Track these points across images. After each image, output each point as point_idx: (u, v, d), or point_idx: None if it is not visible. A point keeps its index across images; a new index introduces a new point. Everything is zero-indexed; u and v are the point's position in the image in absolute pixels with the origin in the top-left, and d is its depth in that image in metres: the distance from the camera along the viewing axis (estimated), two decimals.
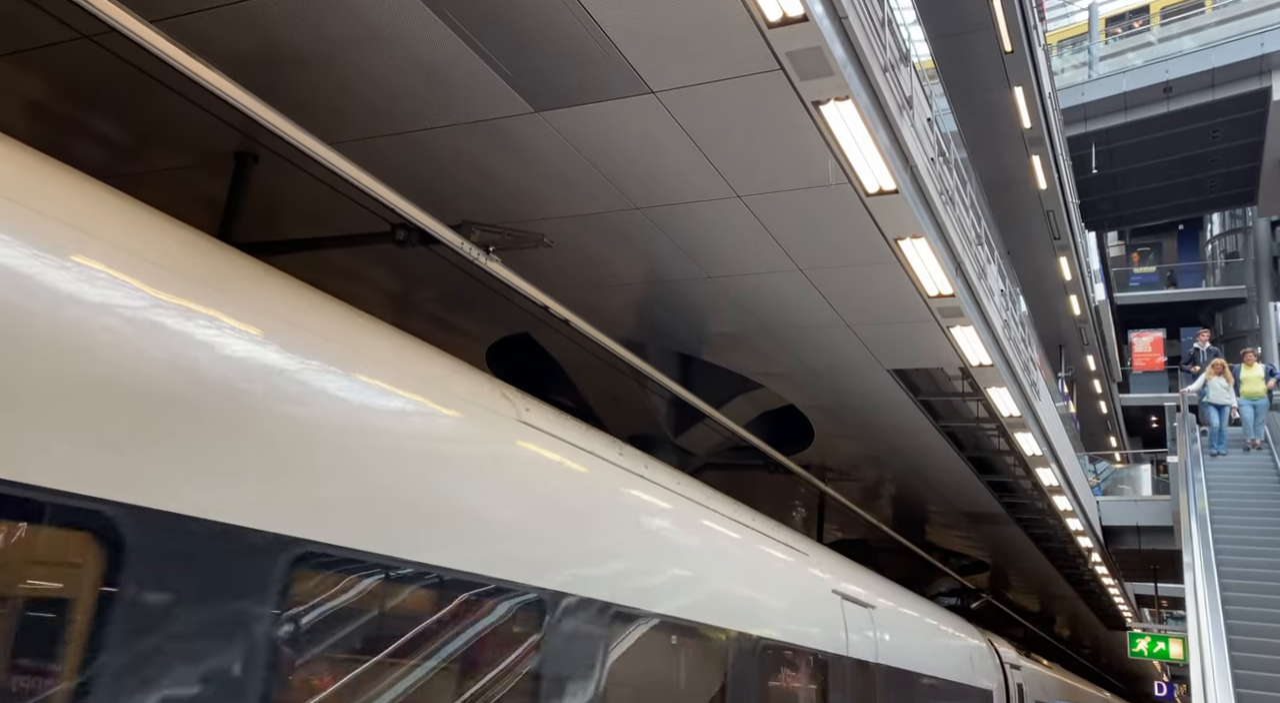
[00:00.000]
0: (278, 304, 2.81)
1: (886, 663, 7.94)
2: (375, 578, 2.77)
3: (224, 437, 2.38)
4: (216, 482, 2.32)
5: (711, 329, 8.35)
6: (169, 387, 2.29)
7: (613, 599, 3.86)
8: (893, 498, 14.57)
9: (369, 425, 2.87)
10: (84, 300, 2.17)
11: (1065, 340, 28.28)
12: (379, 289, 7.90)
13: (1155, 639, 15.80)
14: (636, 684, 4.07)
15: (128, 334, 2.24)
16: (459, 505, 3.25)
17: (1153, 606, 24.38)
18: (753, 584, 5.72)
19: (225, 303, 2.56)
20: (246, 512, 2.36)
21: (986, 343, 8.35)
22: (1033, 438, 11.13)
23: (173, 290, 2.42)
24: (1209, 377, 15.01)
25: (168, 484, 2.21)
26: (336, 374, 2.85)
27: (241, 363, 2.50)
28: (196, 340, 2.40)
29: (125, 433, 2.16)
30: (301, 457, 2.58)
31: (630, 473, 4.56)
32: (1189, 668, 8.08)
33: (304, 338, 2.82)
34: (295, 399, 2.64)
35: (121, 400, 2.18)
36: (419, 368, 3.32)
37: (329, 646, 2.61)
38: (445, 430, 3.29)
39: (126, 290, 2.30)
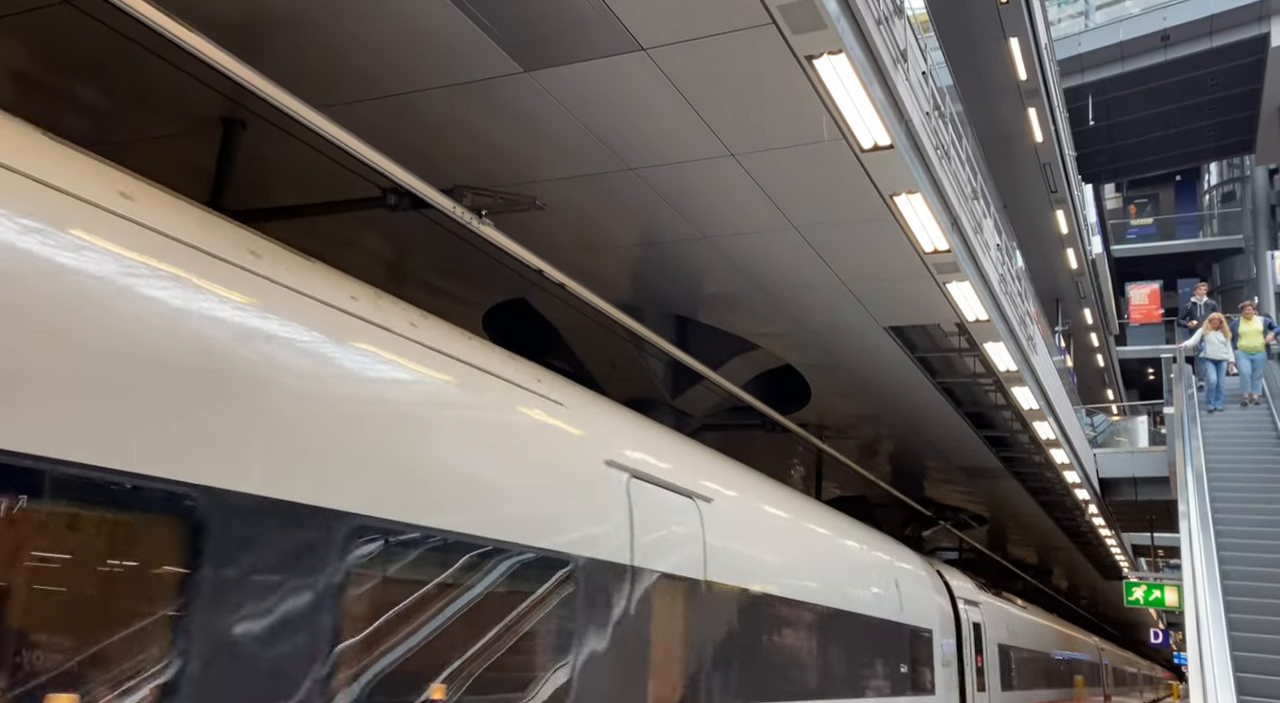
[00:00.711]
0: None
1: (725, 582, 5.58)
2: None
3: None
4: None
5: (707, 290, 8.33)
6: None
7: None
8: (890, 455, 14.65)
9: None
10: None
11: (1062, 294, 28.28)
12: (373, 256, 7.85)
13: (1151, 587, 16.00)
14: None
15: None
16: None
17: (1149, 555, 24.68)
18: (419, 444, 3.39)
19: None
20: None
21: (983, 298, 8.34)
22: (1030, 392, 11.16)
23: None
24: (1206, 332, 14.69)
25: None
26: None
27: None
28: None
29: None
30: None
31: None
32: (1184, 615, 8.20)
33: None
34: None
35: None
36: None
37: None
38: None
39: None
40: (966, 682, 12.06)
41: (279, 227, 5.50)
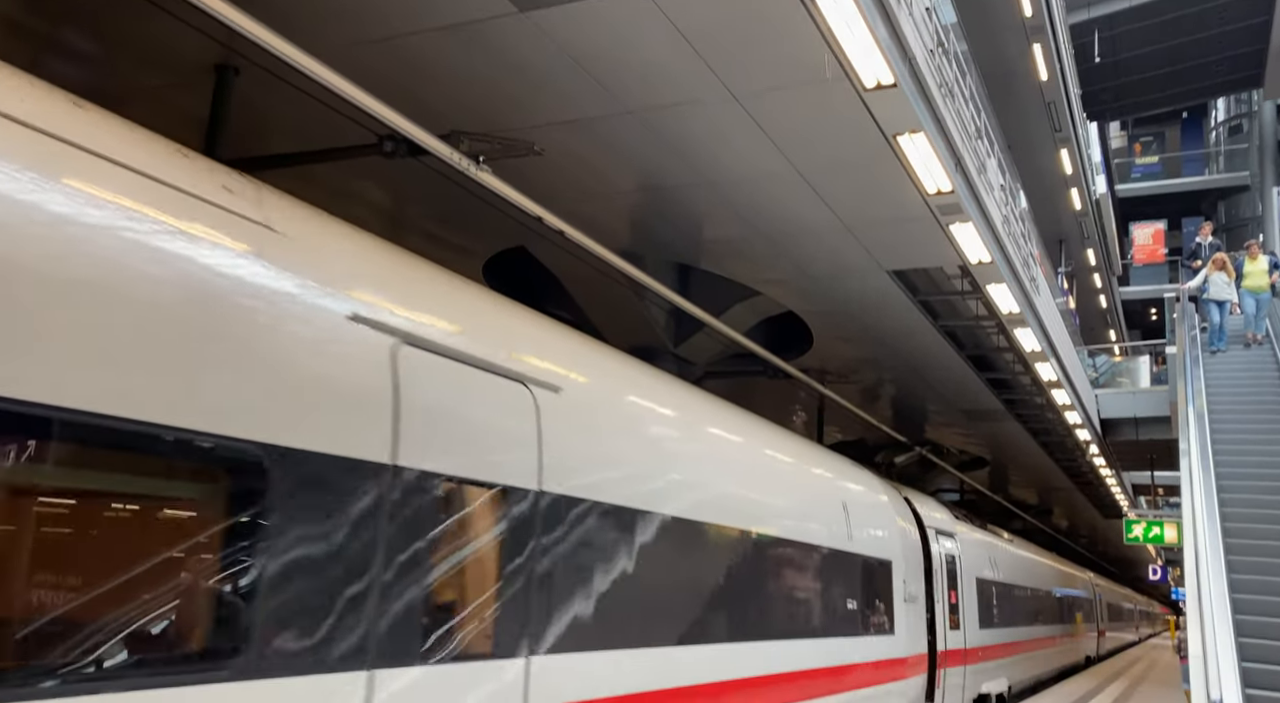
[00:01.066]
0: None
1: (577, 496, 4.37)
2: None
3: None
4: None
5: (708, 237, 8.27)
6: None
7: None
8: (892, 399, 14.71)
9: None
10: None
11: (1065, 235, 28.09)
12: (372, 206, 7.79)
13: (1150, 525, 16.16)
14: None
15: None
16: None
17: (1149, 494, 24.91)
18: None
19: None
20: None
21: (986, 240, 8.28)
22: (1032, 334, 11.15)
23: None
24: (1210, 272, 14.48)
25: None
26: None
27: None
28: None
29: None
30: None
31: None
32: (1183, 552, 8.30)
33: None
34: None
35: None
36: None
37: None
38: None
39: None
40: (938, 620, 11.06)
41: (275, 175, 5.44)
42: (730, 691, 5.73)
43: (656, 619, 4.98)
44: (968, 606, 12.60)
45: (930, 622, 10.73)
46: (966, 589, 12.69)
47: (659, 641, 4.99)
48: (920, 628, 10.18)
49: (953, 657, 11.49)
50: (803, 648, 6.89)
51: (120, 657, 2.44)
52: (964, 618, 12.21)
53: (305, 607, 2.88)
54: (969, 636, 12.40)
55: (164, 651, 2.58)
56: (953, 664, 11.48)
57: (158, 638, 2.57)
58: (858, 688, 7.98)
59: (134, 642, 2.48)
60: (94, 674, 2.37)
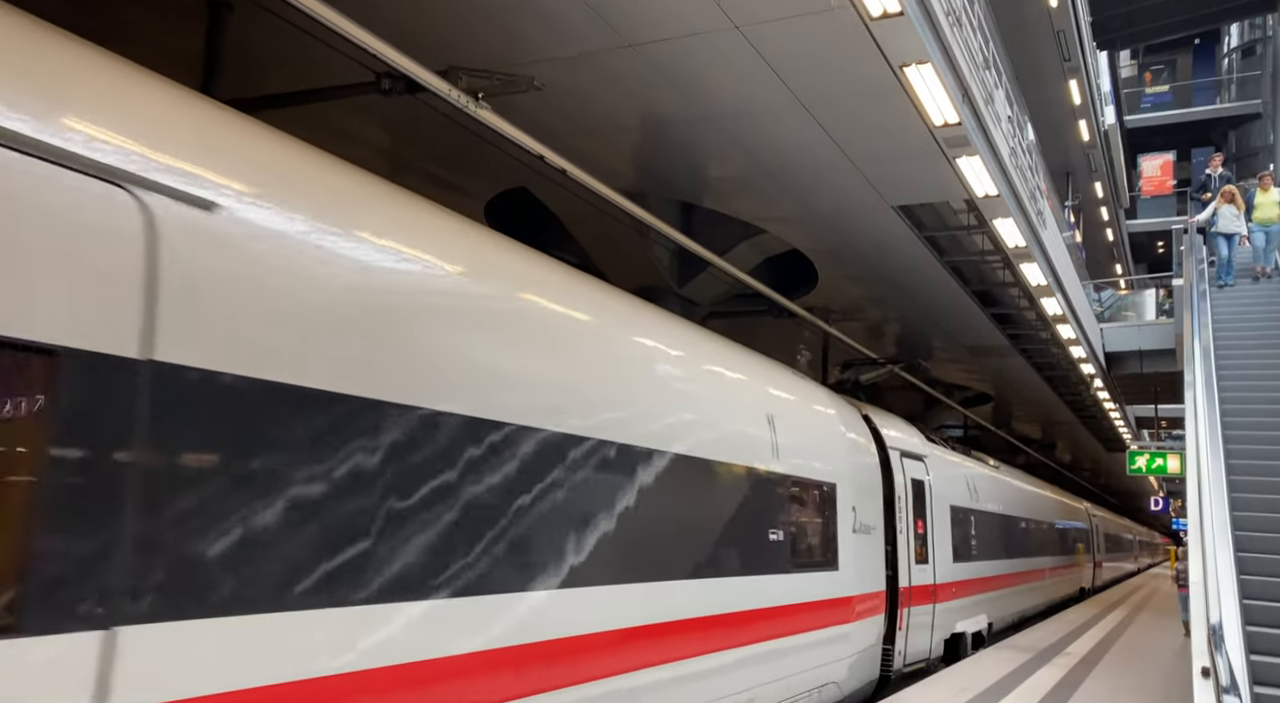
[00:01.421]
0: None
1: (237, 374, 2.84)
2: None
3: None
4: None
5: (712, 174, 8.17)
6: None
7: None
8: (896, 337, 14.71)
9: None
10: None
11: (1073, 168, 27.72)
12: (371, 146, 7.70)
13: (1154, 456, 16.26)
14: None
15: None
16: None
17: (1152, 427, 25.05)
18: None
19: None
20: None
21: (993, 173, 8.18)
22: (1038, 268, 11.09)
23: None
24: (1219, 205, 14.21)
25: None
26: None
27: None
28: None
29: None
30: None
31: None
32: (1185, 483, 8.37)
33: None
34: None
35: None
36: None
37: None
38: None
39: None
40: (901, 552, 9.93)
41: (272, 116, 5.37)
42: (578, 651, 4.24)
43: (427, 553, 3.47)
44: (939, 537, 11.51)
45: (892, 555, 9.71)
46: (938, 519, 11.57)
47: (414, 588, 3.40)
48: (877, 563, 8.99)
49: (919, 594, 10.38)
50: (700, 591, 5.45)
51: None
52: (933, 551, 11.15)
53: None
54: (940, 570, 11.33)
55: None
56: (919, 602, 10.37)
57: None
58: (783, 636, 6.53)
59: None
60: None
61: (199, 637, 2.65)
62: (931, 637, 10.94)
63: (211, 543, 2.71)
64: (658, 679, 4.99)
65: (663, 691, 5.04)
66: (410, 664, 3.36)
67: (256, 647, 2.81)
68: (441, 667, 3.50)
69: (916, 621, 10.29)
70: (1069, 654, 11.68)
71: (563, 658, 4.15)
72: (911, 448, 10.98)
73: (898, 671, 9.67)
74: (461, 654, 3.59)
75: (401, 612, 3.34)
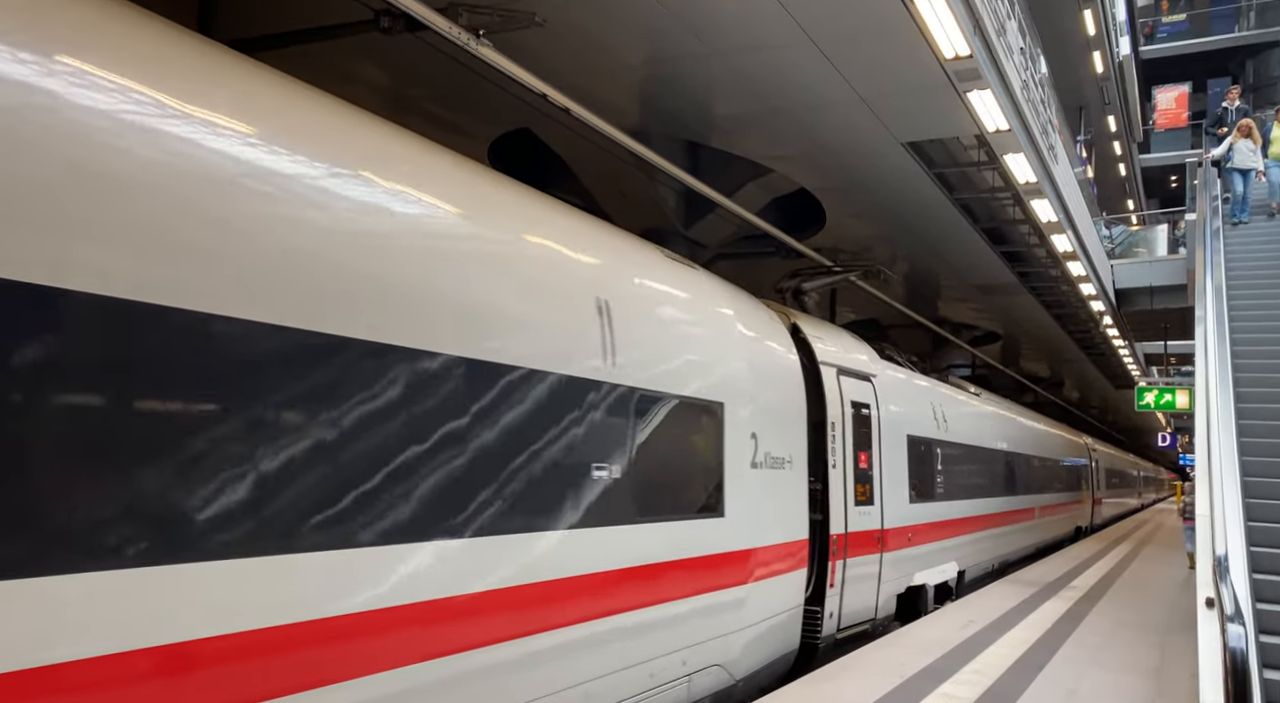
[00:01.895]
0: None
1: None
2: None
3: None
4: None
5: (718, 113, 8.04)
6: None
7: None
8: (904, 275, 14.63)
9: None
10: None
11: (1086, 102, 27.21)
12: (372, 87, 7.59)
13: (1162, 392, 16.24)
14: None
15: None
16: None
17: (1161, 363, 25.01)
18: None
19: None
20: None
21: (1005, 107, 8.02)
22: (1049, 205, 10.96)
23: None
24: (1234, 140, 13.82)
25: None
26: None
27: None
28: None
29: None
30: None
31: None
32: (1193, 419, 8.39)
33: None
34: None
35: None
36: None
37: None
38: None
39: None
40: (835, 494, 8.00)
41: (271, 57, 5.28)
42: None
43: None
44: (891, 473, 9.50)
45: (822, 498, 7.86)
46: (890, 451, 9.55)
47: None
48: (794, 504, 7.15)
49: (859, 542, 8.45)
50: (465, 557, 3.78)
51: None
52: (882, 490, 9.17)
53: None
54: (890, 513, 9.36)
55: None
56: (860, 552, 8.46)
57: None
58: (625, 611, 4.84)
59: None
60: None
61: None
62: (878, 593, 8.99)
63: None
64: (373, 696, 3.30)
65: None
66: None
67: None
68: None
69: (856, 574, 8.39)
70: (1074, 588, 11.85)
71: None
72: (854, 365, 8.88)
73: (828, 637, 7.85)
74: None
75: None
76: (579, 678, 4.45)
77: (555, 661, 4.29)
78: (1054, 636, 8.36)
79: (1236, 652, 3.71)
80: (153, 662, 2.61)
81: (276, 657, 2.97)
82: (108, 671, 2.49)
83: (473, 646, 3.78)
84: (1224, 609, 4.17)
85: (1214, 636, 4.63)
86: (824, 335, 8.61)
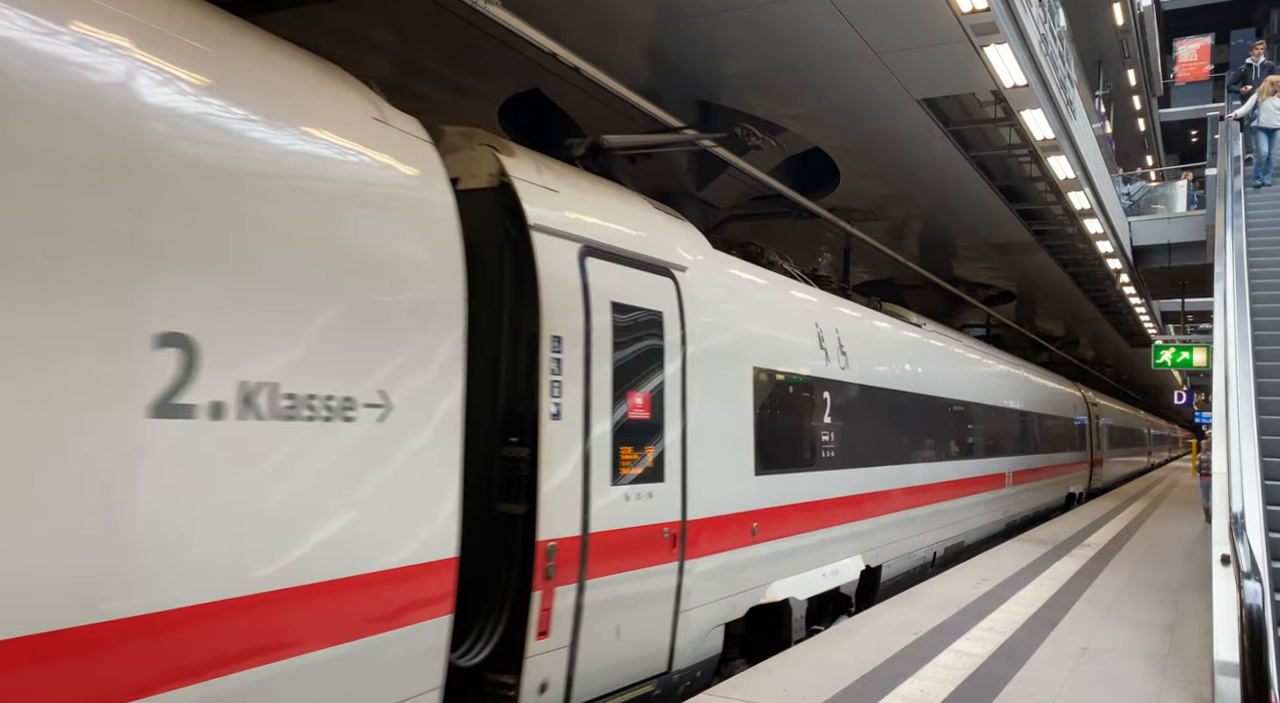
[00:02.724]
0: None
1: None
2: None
3: None
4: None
5: (730, 71, 7.93)
6: None
7: None
8: (919, 235, 14.51)
9: None
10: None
11: (1104, 55, 26.69)
12: (380, 49, 7.51)
13: (1180, 350, 16.10)
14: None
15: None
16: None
17: (1178, 321, 24.80)
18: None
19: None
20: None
21: (1022, 62, 7.88)
22: (1066, 161, 10.81)
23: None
24: (1261, 99, 13.20)
25: None
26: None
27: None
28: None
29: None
30: None
31: None
32: (1210, 377, 8.32)
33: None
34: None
35: None
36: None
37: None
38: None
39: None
40: (557, 464, 4.44)
41: (277, 17, 5.22)
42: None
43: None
44: (711, 427, 5.87)
45: (529, 469, 4.51)
46: (711, 392, 5.89)
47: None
48: (408, 492, 3.60)
49: (621, 548, 4.92)
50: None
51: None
52: (684, 456, 5.52)
53: None
54: (704, 493, 5.72)
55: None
56: (620, 565, 4.91)
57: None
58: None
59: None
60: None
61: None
62: (674, 625, 5.41)
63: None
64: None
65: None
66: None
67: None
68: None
69: (612, 601, 4.87)
70: (1088, 546, 11.90)
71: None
72: (624, 244, 5.22)
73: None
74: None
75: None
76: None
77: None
78: (1067, 593, 8.41)
79: (1253, 608, 3.71)
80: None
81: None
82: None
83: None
84: (1240, 566, 4.18)
85: (1229, 592, 4.64)
86: (561, 187, 4.98)
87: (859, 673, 5.56)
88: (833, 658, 5.90)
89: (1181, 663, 5.94)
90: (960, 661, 5.89)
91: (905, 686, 5.31)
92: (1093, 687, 5.38)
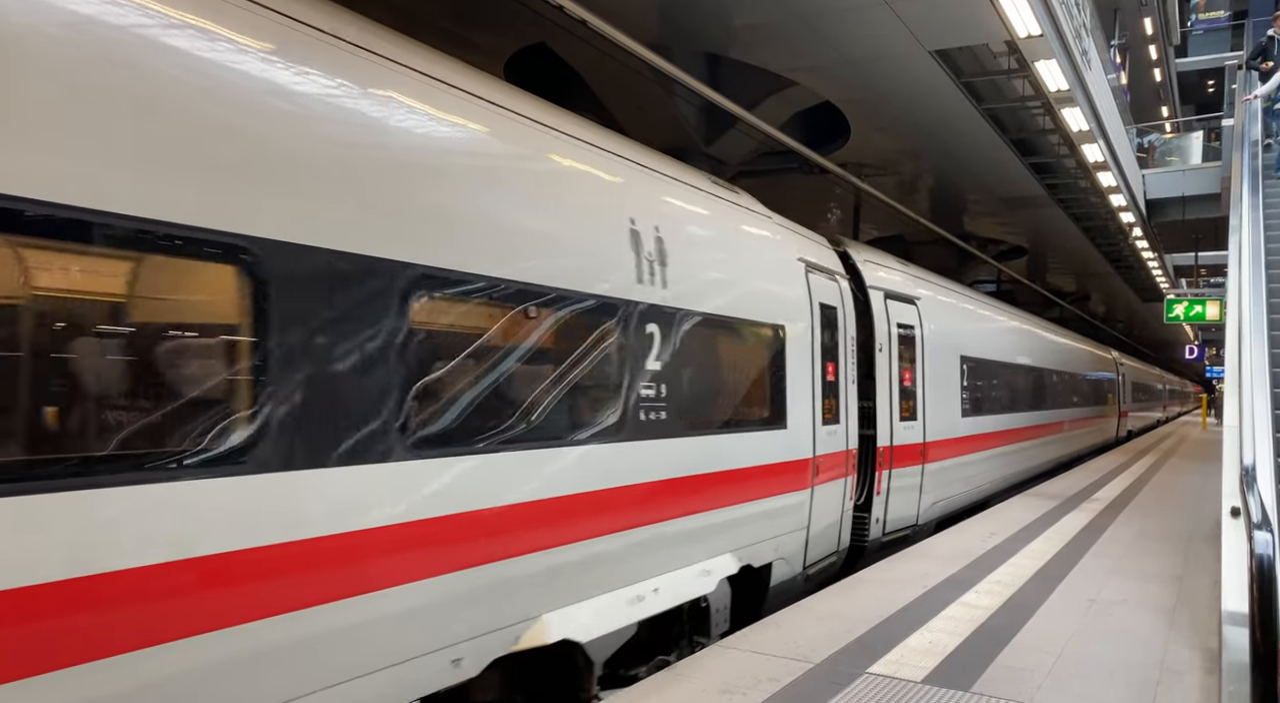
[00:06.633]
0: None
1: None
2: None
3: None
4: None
5: (739, 23, 7.80)
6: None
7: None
8: (929, 190, 14.37)
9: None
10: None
11: (1121, 3, 26.15)
12: (386, 5, 7.40)
13: (1192, 303, 15.99)
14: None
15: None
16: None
17: (1190, 275, 24.59)
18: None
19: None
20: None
21: (1036, 10, 7.72)
22: (1080, 113, 10.65)
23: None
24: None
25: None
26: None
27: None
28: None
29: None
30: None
31: None
32: (1223, 331, 8.26)
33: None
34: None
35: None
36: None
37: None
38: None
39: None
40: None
41: None
42: None
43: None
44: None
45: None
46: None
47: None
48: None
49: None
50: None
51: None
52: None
53: None
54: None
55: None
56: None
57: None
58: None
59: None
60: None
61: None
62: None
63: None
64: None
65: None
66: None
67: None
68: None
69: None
70: (1097, 500, 11.94)
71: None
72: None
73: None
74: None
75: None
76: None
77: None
78: (1076, 546, 8.47)
79: (1264, 558, 3.73)
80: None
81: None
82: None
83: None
84: (1250, 517, 4.19)
85: (1239, 544, 4.66)
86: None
87: (869, 625, 5.63)
88: (843, 609, 5.97)
89: (1190, 614, 5.99)
90: (969, 613, 5.95)
91: (915, 637, 5.38)
92: (1101, 638, 5.44)
